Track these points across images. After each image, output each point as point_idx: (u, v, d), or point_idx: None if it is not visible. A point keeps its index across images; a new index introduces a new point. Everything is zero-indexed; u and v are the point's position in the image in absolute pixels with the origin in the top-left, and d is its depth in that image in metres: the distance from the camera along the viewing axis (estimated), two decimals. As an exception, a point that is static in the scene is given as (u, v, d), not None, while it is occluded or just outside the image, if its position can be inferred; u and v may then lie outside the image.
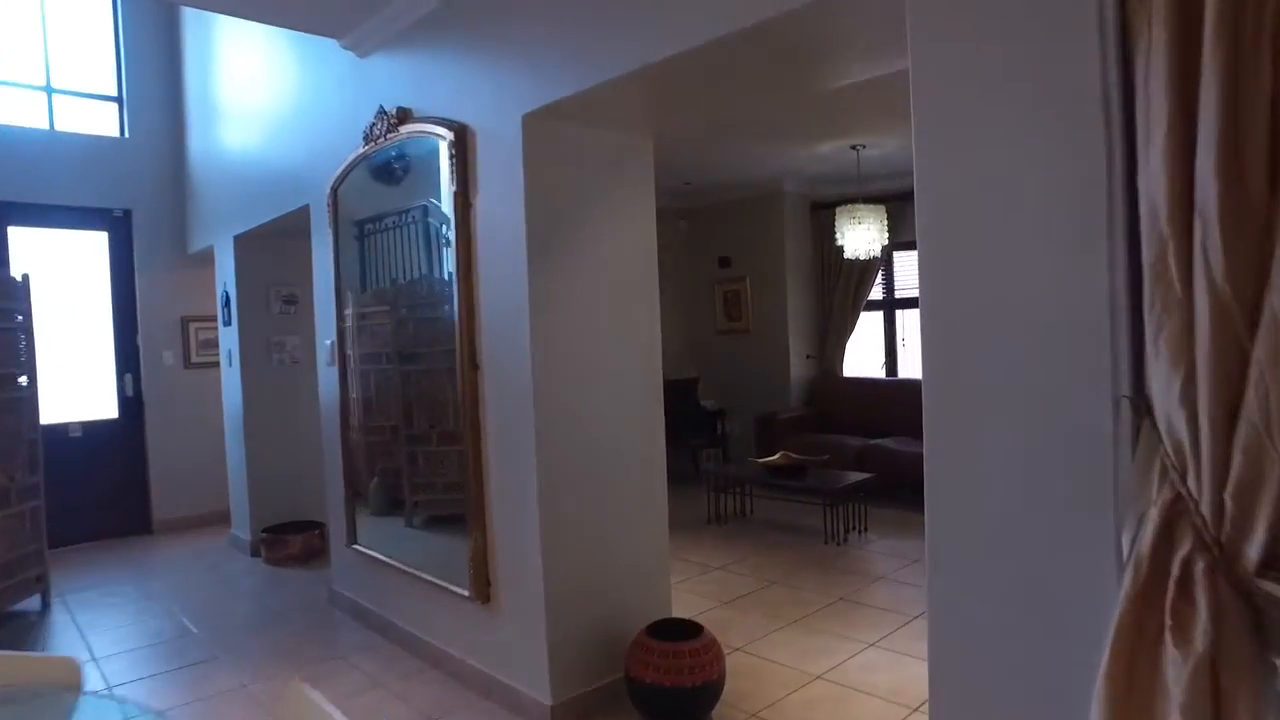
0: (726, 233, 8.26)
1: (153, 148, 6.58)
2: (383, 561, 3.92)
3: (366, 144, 3.72)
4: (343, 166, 3.94)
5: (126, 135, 6.53)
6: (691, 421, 7.79)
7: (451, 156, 3.19)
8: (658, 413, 3.46)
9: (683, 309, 8.65)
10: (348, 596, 4.31)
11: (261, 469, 5.74)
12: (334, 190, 4.06)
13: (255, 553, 5.59)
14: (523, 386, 3.01)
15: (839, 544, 5.27)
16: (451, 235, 3.25)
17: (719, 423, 7.53)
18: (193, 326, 6.64)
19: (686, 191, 8.04)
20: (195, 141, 6.40)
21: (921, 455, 1.81)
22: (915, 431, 6.04)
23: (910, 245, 7.97)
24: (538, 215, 2.99)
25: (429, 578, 3.57)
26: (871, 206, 6.19)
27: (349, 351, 4.11)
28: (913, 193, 1.80)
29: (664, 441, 3.49)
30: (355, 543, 4.18)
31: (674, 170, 7.12)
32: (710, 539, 5.56)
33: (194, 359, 6.66)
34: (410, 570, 3.71)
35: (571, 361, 3.13)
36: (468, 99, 3.18)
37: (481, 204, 3.17)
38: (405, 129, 3.48)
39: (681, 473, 7.69)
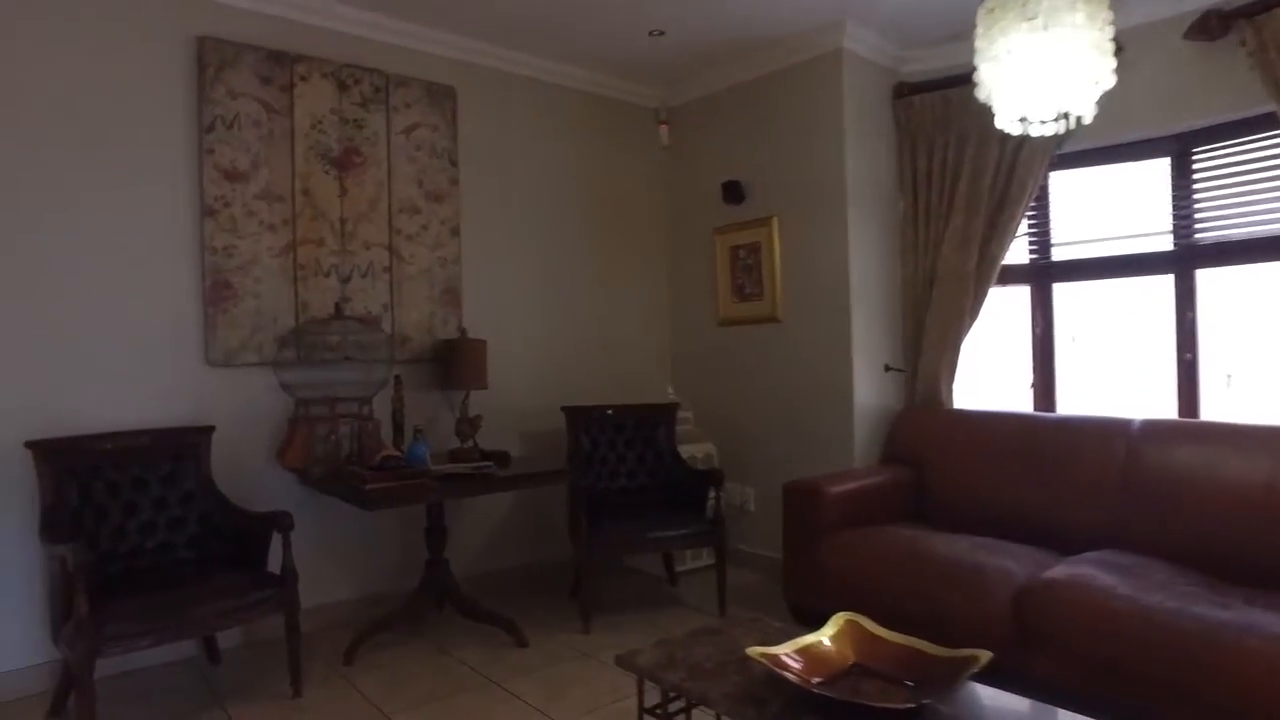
0: (736, 142, 4.57)
1: None
2: None
3: None
4: None
5: None
6: (664, 489, 4.09)
7: None
8: None
9: (656, 280, 4.96)
10: None
11: None
12: None
13: None
14: None
15: None
16: None
17: (714, 494, 3.83)
18: None
19: (660, 64, 4.36)
20: None
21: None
22: (1146, 542, 2.01)
23: (1089, 158, 3.97)
24: None
25: None
26: (1080, -20, 2.44)
27: None
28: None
29: None
30: None
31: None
32: None
33: None
34: None
35: None
36: None
37: None
38: None
39: (639, 588, 3.99)
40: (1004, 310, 4.17)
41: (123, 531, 2.93)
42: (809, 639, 2.00)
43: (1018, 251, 4.03)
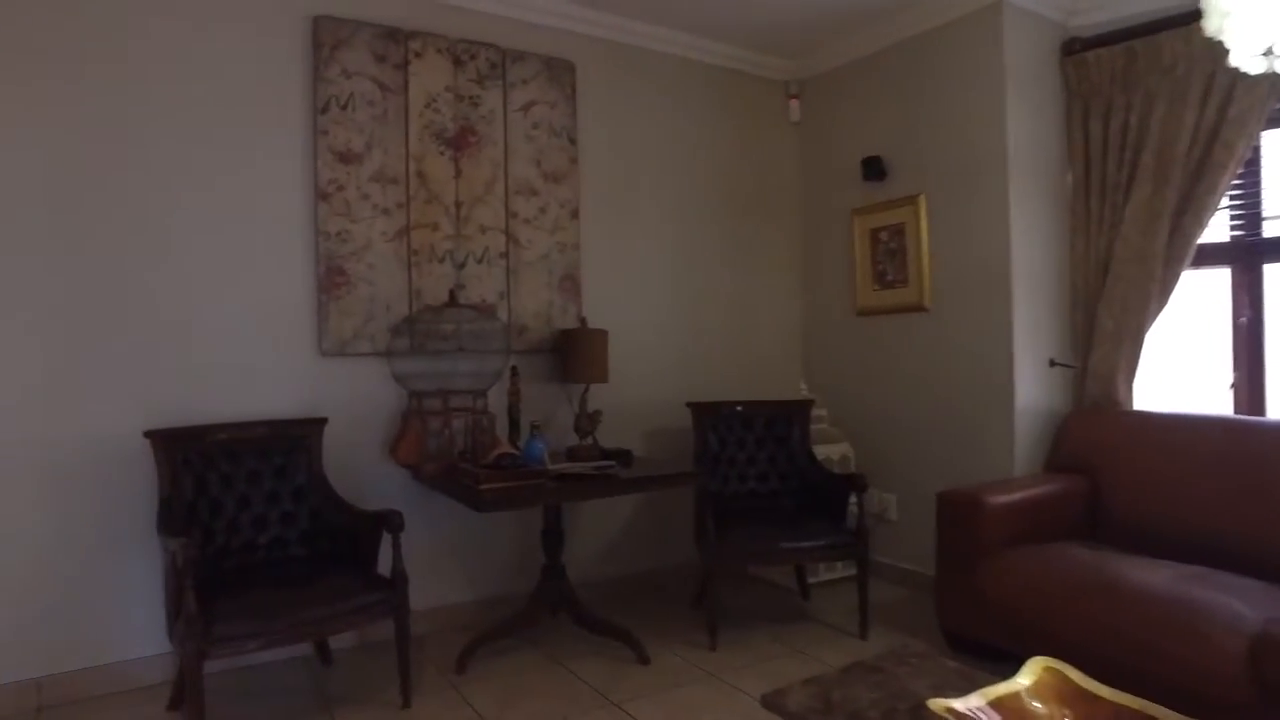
0: (876, 114, 4.15)
1: None
2: None
3: None
4: None
5: None
6: (797, 494, 3.73)
7: None
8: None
9: (788, 266, 4.59)
10: None
11: None
12: None
13: None
14: None
15: None
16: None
17: (855, 501, 3.45)
18: None
19: (790, 31, 4.01)
20: None
21: None
22: None
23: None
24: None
25: None
26: None
27: None
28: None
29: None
30: None
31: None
32: None
33: None
34: None
35: None
36: None
37: None
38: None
39: (767, 599, 3.61)
40: (1197, 297, 3.59)
41: (236, 525, 2.84)
42: (1003, 689, 1.63)
43: (1217, 228, 3.45)
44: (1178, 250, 3.41)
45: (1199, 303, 3.58)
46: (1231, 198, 3.42)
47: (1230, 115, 3.19)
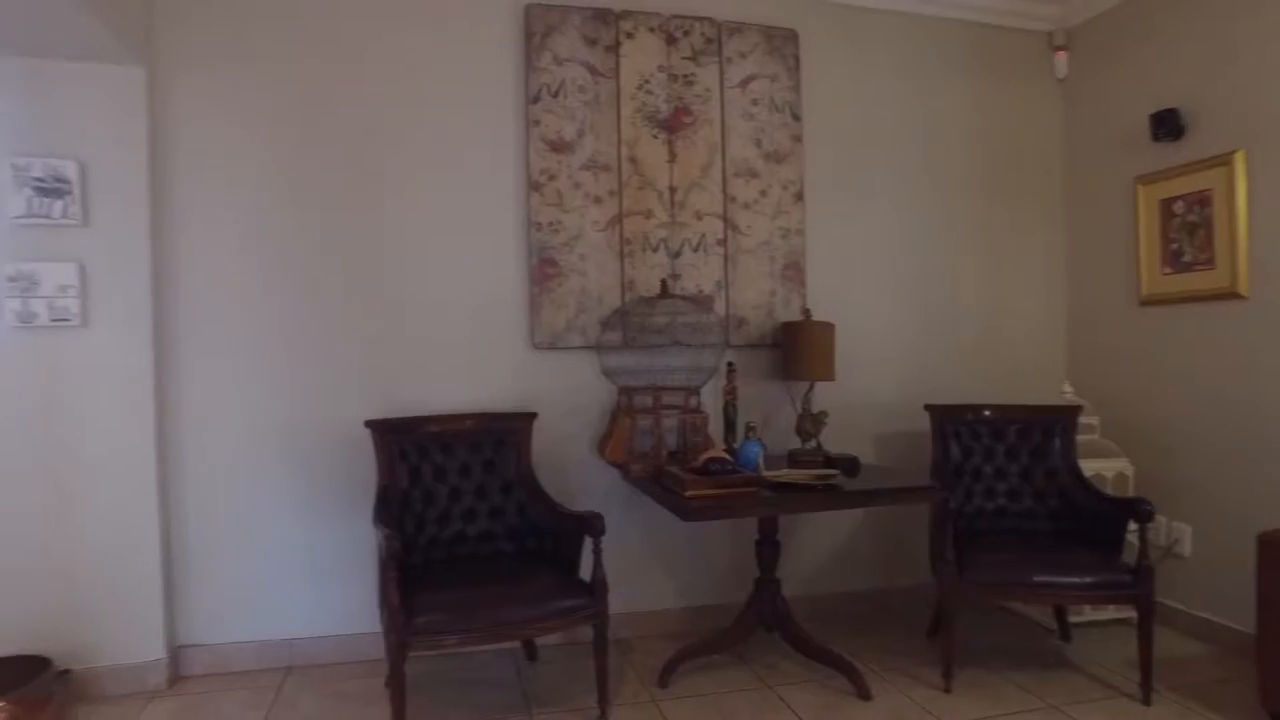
0: (1170, 58, 3.40)
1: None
2: None
3: None
4: None
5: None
6: (1058, 518, 3.16)
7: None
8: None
9: (1050, 247, 3.94)
10: None
11: None
12: None
13: None
14: None
15: None
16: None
17: (1137, 530, 2.83)
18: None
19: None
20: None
21: None
22: None
23: None
24: None
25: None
26: None
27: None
28: None
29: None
30: None
31: None
32: None
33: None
34: None
35: None
36: None
37: None
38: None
39: (1016, 635, 3.07)
40: None
41: (447, 517, 2.87)
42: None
43: None
44: None
45: None
46: None
47: None
